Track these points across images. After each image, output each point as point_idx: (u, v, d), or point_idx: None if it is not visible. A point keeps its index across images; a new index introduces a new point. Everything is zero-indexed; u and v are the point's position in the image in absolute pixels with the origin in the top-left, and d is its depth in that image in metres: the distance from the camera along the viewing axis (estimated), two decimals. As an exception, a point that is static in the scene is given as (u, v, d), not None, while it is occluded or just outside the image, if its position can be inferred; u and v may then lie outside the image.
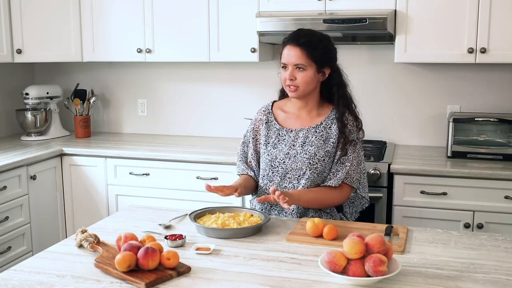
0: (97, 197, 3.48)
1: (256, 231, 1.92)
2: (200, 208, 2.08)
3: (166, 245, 1.77)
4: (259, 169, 2.28)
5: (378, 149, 3.27)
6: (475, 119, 3.13)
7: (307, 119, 2.20)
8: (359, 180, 2.20)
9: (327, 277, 1.54)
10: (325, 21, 3.08)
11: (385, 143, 3.48)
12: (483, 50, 2.99)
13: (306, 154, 2.14)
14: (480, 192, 2.83)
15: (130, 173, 3.39)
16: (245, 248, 1.78)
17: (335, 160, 2.15)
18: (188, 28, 3.48)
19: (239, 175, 2.34)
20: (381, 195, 2.93)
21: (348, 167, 2.13)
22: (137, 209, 2.25)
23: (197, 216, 2.01)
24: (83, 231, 1.83)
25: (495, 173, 2.81)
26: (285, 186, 2.17)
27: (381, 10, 3.06)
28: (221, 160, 3.20)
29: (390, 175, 2.95)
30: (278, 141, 2.20)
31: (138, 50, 3.59)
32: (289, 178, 2.16)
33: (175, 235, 1.83)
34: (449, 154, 3.12)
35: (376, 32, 3.07)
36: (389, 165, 2.95)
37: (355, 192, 2.22)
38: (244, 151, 2.33)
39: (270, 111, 2.29)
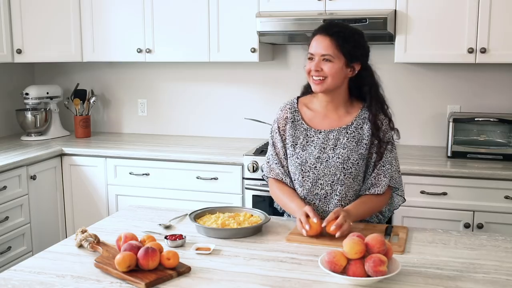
0: (97, 197, 3.48)
1: (256, 231, 1.92)
2: (200, 208, 2.08)
3: (166, 245, 1.77)
4: None
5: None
6: (475, 119, 3.13)
7: (335, 119, 2.07)
8: (397, 180, 2.09)
9: (327, 277, 1.54)
10: (325, 21, 3.07)
11: (385, 143, 3.48)
12: (483, 50, 2.99)
13: (338, 158, 2.01)
14: (480, 192, 2.83)
15: (130, 173, 3.39)
16: (245, 248, 1.78)
17: (373, 164, 2.04)
18: (188, 28, 3.48)
19: (269, 177, 2.17)
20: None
21: (390, 171, 2.03)
22: (137, 209, 2.25)
23: (197, 216, 2.01)
24: (83, 231, 1.83)
25: (495, 173, 2.80)
26: (317, 193, 2.05)
27: (381, 10, 3.06)
28: (221, 160, 3.20)
29: (390, 175, 2.94)
30: (307, 142, 2.06)
31: (138, 50, 3.59)
32: (321, 184, 2.03)
33: (175, 235, 1.83)
34: (449, 154, 3.12)
35: (376, 32, 3.07)
36: (389, 165, 2.94)
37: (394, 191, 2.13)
38: (277, 153, 2.13)
39: (297, 108, 2.12)
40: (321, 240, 1.82)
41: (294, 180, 2.10)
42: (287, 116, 2.12)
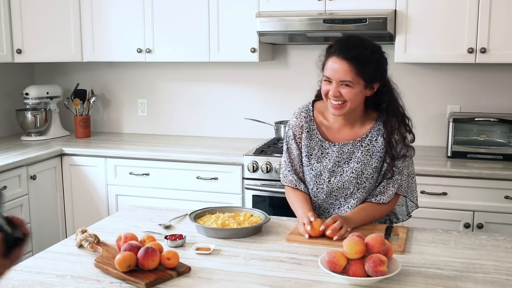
0: (97, 197, 3.48)
1: (256, 231, 1.92)
2: (200, 208, 2.08)
3: (166, 245, 1.77)
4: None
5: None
6: (475, 119, 3.13)
7: (350, 131, 2.03)
8: (408, 186, 2.07)
9: (327, 277, 1.54)
10: (325, 21, 3.08)
11: (385, 143, 3.48)
12: (483, 50, 2.99)
13: (352, 172, 2.00)
14: (480, 192, 2.83)
15: (130, 173, 3.39)
16: (245, 248, 1.78)
17: (383, 173, 2.01)
18: (188, 28, 3.49)
19: (285, 185, 2.15)
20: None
21: (400, 180, 2.01)
22: (137, 209, 2.25)
23: (197, 216, 2.01)
24: (83, 231, 1.83)
25: (495, 173, 2.80)
26: (331, 203, 2.06)
27: (381, 10, 3.06)
28: (221, 160, 3.20)
29: (390, 175, 2.94)
30: (322, 154, 2.04)
31: (138, 50, 3.59)
32: (335, 195, 2.04)
33: (175, 235, 1.83)
34: (449, 154, 3.12)
35: (376, 32, 3.07)
36: (389, 165, 2.94)
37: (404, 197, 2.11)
38: (291, 160, 2.10)
39: (312, 117, 2.07)
40: (321, 240, 1.82)
41: (309, 189, 2.10)
42: (302, 125, 2.07)
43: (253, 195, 3.13)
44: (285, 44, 3.66)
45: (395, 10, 3.09)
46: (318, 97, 2.10)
